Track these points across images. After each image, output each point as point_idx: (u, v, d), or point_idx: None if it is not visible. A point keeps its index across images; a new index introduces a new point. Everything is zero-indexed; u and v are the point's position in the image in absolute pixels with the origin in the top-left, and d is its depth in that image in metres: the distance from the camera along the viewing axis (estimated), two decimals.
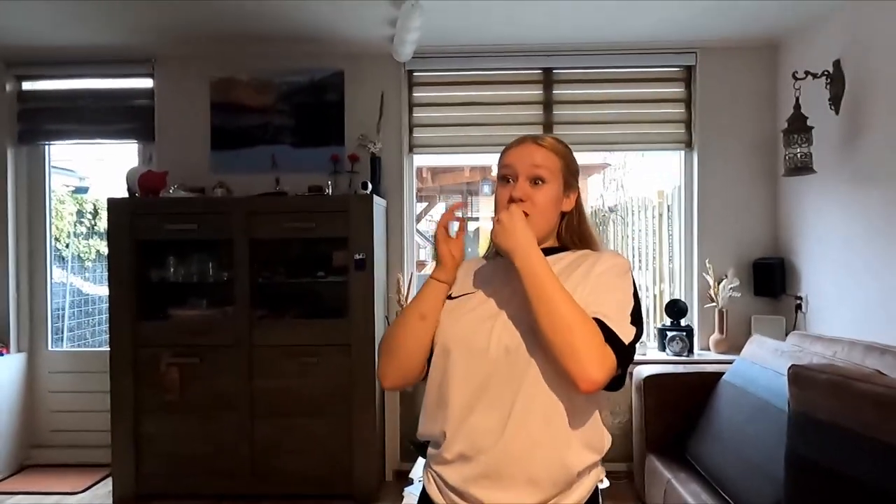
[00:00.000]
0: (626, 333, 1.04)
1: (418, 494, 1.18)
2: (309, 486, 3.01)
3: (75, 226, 4.96)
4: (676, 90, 3.50)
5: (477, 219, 7.47)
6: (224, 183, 3.33)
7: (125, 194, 3.22)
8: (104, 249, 4.32)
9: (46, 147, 3.69)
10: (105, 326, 3.81)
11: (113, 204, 3.05)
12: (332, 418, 3.00)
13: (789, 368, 1.88)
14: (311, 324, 3.07)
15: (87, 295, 4.93)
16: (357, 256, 2.98)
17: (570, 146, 1.24)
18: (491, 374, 1.07)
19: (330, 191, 3.21)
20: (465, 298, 1.18)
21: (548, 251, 1.15)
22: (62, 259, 4.94)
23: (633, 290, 1.12)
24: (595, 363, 0.97)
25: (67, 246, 4.98)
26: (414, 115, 3.53)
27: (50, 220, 3.76)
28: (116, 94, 3.60)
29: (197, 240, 3.13)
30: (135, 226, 3.04)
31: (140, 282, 3.08)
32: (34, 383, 3.64)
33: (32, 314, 3.69)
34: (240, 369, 3.02)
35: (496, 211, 1.19)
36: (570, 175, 1.21)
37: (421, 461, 2.25)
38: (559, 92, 3.49)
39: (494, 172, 1.29)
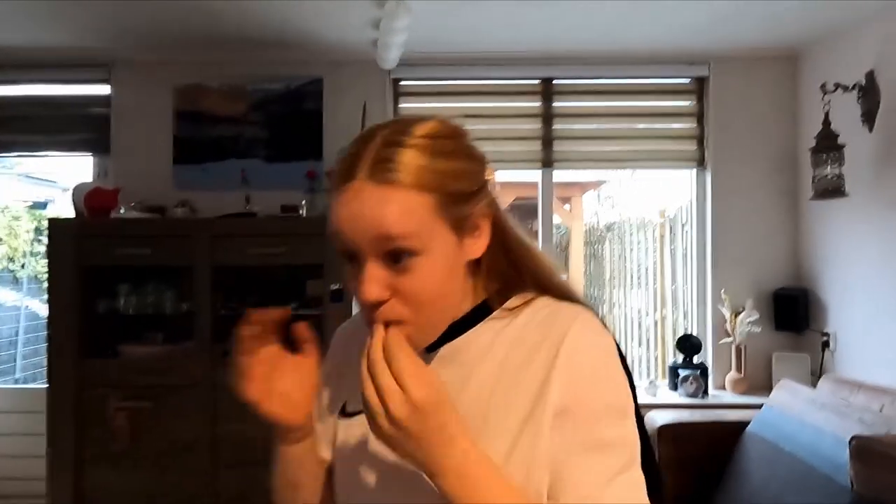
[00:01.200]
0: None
1: None
2: None
3: (32, 244, 4.58)
4: (687, 103, 3.21)
5: None
6: (188, 201, 2.98)
7: (72, 213, 2.85)
8: None
9: None
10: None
11: (54, 224, 2.68)
12: None
13: (851, 440, 1.55)
14: None
15: (44, 319, 4.54)
16: (333, 287, 2.63)
17: (440, 134, 0.68)
18: None
19: (304, 211, 2.87)
20: (359, 419, 0.69)
21: (460, 325, 0.71)
22: (16, 280, 4.56)
23: (628, 413, 0.65)
24: None
25: (23, 266, 4.59)
26: None
27: None
28: (69, 101, 3.24)
29: (153, 266, 2.77)
30: (81, 249, 2.66)
31: (85, 313, 2.70)
32: None
33: None
34: (201, 413, 2.64)
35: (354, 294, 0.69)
36: (459, 202, 0.66)
37: None
38: (560, 104, 3.18)
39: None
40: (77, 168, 4.06)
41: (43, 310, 4.47)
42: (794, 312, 2.96)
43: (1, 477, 3.21)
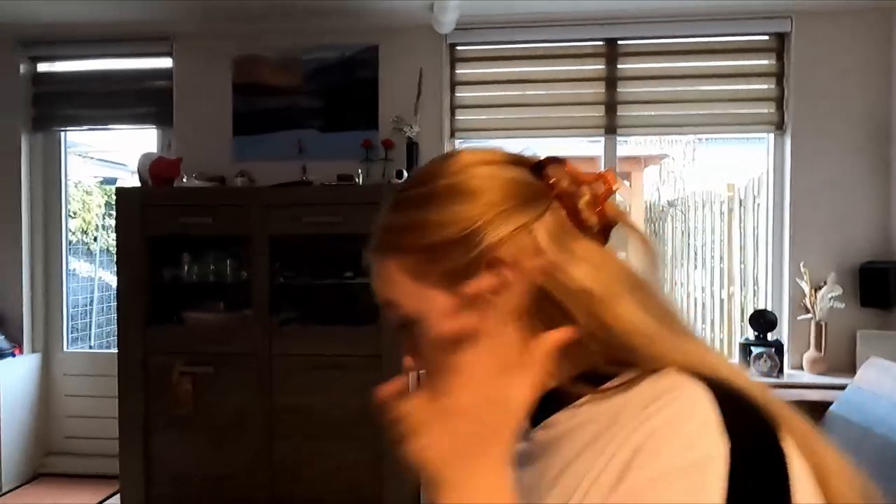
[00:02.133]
0: None
1: None
2: None
3: (104, 218, 4.77)
4: (765, 63, 2.98)
5: None
6: (246, 171, 3.00)
7: (137, 184, 2.92)
8: None
9: (62, 133, 3.44)
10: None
11: (122, 193, 2.75)
12: (359, 441, 2.63)
13: None
14: (336, 331, 2.70)
15: (115, 290, 4.74)
16: None
17: (415, 181, 0.60)
18: None
19: (360, 180, 2.84)
20: None
21: (554, 401, 0.54)
22: (90, 253, 4.77)
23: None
24: None
25: (95, 239, 4.79)
26: (456, 94, 3.11)
27: (67, 212, 3.52)
28: (133, 75, 3.33)
29: (213, 235, 2.81)
30: (146, 218, 2.73)
31: (151, 281, 2.78)
32: (49, 386, 3.41)
33: (48, 312, 3.45)
34: (257, 383, 2.68)
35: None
36: (440, 255, 0.55)
37: None
38: (625, 67, 3.01)
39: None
40: (142, 144, 4.19)
41: (113, 280, 4.68)
42: (882, 288, 2.72)
43: (79, 436, 3.38)
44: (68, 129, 3.42)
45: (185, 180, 2.83)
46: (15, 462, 3.17)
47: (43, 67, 3.36)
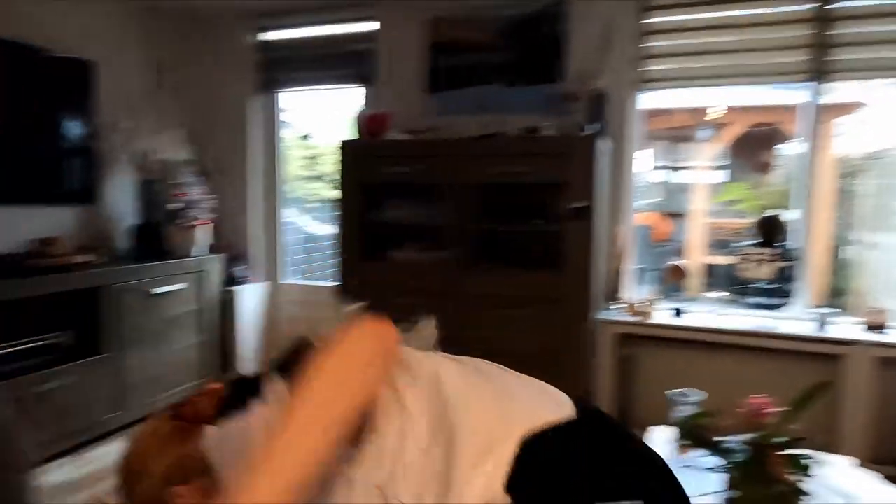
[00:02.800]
0: None
1: None
2: None
3: (301, 169, 5.42)
4: None
5: (690, 167, 6.65)
6: (439, 126, 3.28)
7: (352, 137, 3.32)
8: (325, 192, 4.64)
9: (280, 95, 3.98)
10: (325, 263, 4.13)
11: (343, 145, 3.16)
12: (539, 376, 2.85)
13: None
14: (520, 274, 2.92)
15: (310, 234, 5.39)
16: (576, 204, 2.74)
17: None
18: None
19: (548, 132, 2.97)
20: None
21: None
22: (290, 200, 5.46)
23: None
24: None
25: (295, 189, 5.46)
26: (647, 44, 3.10)
27: (280, 164, 4.09)
28: (342, 39, 3.72)
29: (412, 183, 3.13)
30: (360, 167, 3.13)
31: (364, 223, 3.19)
32: (274, 310, 4.07)
33: (271, 249, 4.09)
34: (449, 317, 2.99)
35: None
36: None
37: (654, 435, 2.01)
38: (846, 4, 2.77)
39: (712, 115, 0.69)
40: (328, 104, 4.66)
41: (312, 226, 5.32)
42: None
43: None
44: (286, 90, 3.92)
45: (393, 134, 3.17)
46: (251, 369, 3.87)
47: (267, 36, 3.87)
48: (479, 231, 3.09)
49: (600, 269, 3.04)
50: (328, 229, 4.44)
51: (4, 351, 2.64)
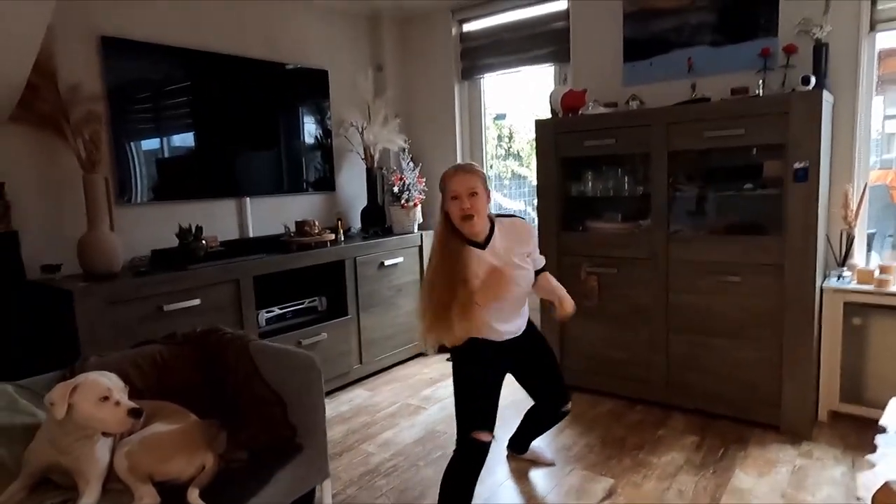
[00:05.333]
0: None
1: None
2: (726, 407, 2.90)
3: (496, 148, 5.71)
4: None
5: None
6: (637, 95, 3.28)
7: (548, 115, 3.48)
8: (518, 170, 4.86)
9: (481, 80, 4.27)
10: None
11: (539, 124, 3.34)
12: (758, 342, 2.78)
13: None
14: (733, 240, 2.84)
15: (506, 210, 5.67)
16: (797, 165, 2.58)
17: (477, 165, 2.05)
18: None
19: (761, 91, 2.82)
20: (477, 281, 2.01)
21: (490, 233, 2.02)
22: (488, 178, 5.80)
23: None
24: None
25: (491, 167, 5.79)
26: None
27: (484, 145, 4.39)
28: (534, 21, 3.87)
29: (612, 154, 3.19)
30: (558, 143, 3.27)
31: (562, 196, 3.34)
32: None
33: None
34: (655, 283, 3.04)
35: (454, 219, 1.98)
36: (485, 182, 1.98)
37: (894, 407, 1.88)
38: None
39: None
40: (519, 84, 4.81)
41: (504, 202, 5.61)
42: None
43: None
44: (486, 75, 4.20)
45: (590, 108, 3.26)
46: None
47: (467, 27, 4.18)
48: (685, 198, 3.06)
49: (826, 234, 2.83)
50: (522, 206, 4.67)
51: (284, 311, 3.33)
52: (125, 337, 2.37)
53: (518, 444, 2.59)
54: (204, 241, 2.98)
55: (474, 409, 2.03)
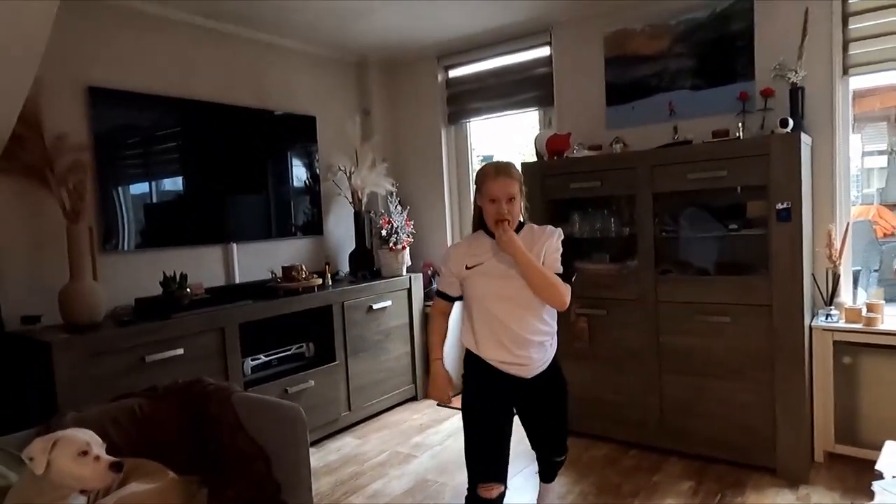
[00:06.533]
0: (567, 272, 2.00)
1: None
2: (722, 450, 2.86)
3: None
4: None
5: None
6: (620, 138, 3.34)
7: (534, 159, 3.52)
8: None
9: (467, 124, 4.33)
10: None
11: (526, 167, 3.37)
12: (751, 384, 2.76)
13: None
14: (721, 280, 2.85)
15: None
16: (780, 206, 2.61)
17: (515, 167, 1.99)
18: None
19: (741, 133, 2.88)
20: (481, 267, 1.97)
21: (518, 229, 1.98)
22: None
23: (562, 245, 2.03)
24: (565, 296, 1.96)
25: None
26: (850, 27, 2.86)
27: (472, 188, 4.42)
28: (518, 67, 3.96)
29: (598, 196, 3.22)
30: (545, 186, 3.30)
31: None
32: None
33: None
34: (645, 324, 3.03)
35: (488, 220, 1.96)
36: (521, 184, 1.99)
37: (889, 451, 1.86)
38: None
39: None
40: (504, 127, 4.90)
41: None
42: None
43: None
44: (472, 119, 4.27)
45: (575, 151, 3.30)
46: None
47: (453, 73, 4.26)
48: (671, 239, 3.08)
49: (811, 273, 2.85)
50: None
51: (270, 358, 3.27)
52: (106, 390, 2.31)
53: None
54: (189, 289, 2.94)
55: (480, 457, 1.92)
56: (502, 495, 1.90)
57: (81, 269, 2.58)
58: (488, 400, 1.96)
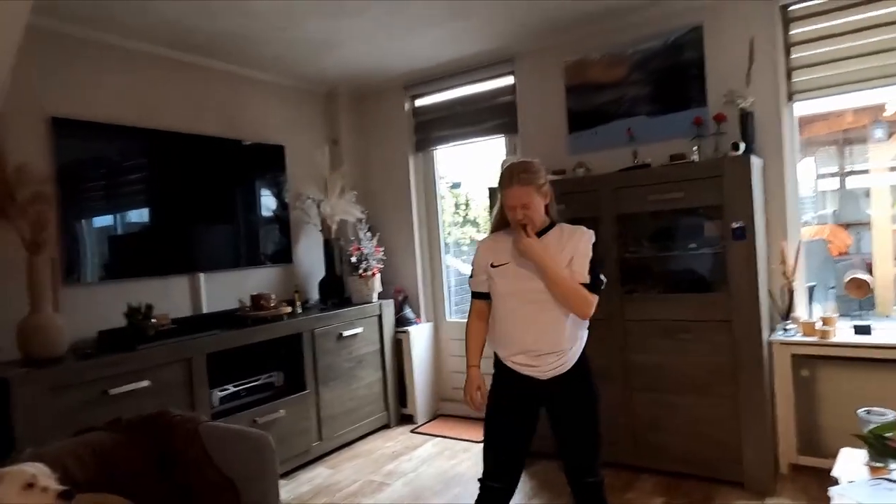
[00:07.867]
0: (594, 283, 1.90)
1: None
2: (693, 466, 2.90)
3: (454, 216, 5.83)
4: None
5: (867, 171, 6.06)
6: (583, 163, 3.44)
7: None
8: (476, 236, 4.95)
9: (434, 152, 4.41)
10: None
11: (493, 192, 3.44)
12: (716, 399, 2.82)
13: None
14: (683, 298, 2.93)
15: (464, 276, 5.72)
16: (735, 225, 2.72)
17: (533, 168, 1.93)
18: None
19: (696, 157, 3.00)
20: (505, 267, 1.94)
21: (546, 229, 1.96)
22: (445, 245, 5.87)
23: (593, 249, 1.92)
24: (588, 307, 1.90)
25: (449, 233, 5.88)
26: (792, 56, 3.03)
27: (440, 213, 4.49)
28: (483, 96, 4.07)
29: (565, 219, 3.29)
30: None
31: None
32: (439, 347, 4.41)
33: (433, 291, 4.46)
34: (613, 343, 3.08)
35: (511, 222, 1.93)
36: (540, 186, 1.92)
37: (844, 458, 1.92)
38: None
39: (889, 112, 1.17)
40: (471, 153, 4.99)
41: (462, 268, 5.68)
42: None
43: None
44: (439, 147, 4.34)
45: None
46: (422, 403, 4.21)
47: (419, 102, 4.35)
48: (635, 259, 3.17)
49: (768, 289, 2.95)
50: None
51: (238, 388, 3.22)
52: (68, 425, 2.24)
53: None
54: (154, 320, 2.90)
55: (485, 453, 1.97)
56: (505, 493, 1.92)
57: (42, 301, 2.53)
58: (502, 399, 1.97)
